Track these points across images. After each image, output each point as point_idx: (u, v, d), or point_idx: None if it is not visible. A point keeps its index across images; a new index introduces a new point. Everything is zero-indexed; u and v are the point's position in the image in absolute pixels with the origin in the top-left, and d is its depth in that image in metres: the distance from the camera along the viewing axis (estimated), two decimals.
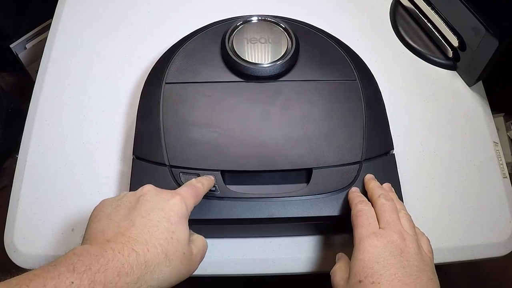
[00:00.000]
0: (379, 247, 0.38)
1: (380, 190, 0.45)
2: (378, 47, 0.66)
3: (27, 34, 1.04)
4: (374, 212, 0.42)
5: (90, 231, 0.37)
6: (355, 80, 0.54)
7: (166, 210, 0.38)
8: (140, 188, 0.40)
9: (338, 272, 0.41)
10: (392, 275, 0.36)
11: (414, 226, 0.43)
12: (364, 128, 0.51)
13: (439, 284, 0.38)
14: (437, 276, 0.39)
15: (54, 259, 0.34)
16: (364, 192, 0.47)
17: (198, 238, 0.42)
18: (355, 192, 0.46)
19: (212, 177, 0.46)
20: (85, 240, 0.37)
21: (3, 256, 0.49)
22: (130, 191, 0.47)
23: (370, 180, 0.47)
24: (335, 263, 0.44)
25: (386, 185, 0.47)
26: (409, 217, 0.43)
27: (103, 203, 0.39)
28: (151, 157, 0.48)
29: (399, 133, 0.58)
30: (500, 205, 0.54)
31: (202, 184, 0.43)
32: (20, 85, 1.20)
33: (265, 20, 0.57)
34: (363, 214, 0.42)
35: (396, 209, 0.43)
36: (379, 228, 0.41)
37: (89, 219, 0.38)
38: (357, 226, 0.41)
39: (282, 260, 0.50)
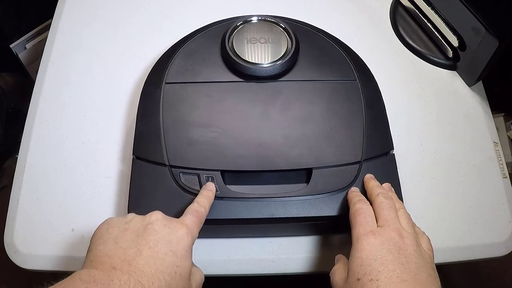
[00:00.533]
0: (376, 244, 0.38)
1: (379, 189, 0.45)
2: (378, 47, 0.66)
3: (27, 34, 1.04)
4: (373, 211, 0.42)
5: (95, 252, 0.36)
6: (355, 80, 0.54)
7: (174, 243, 0.37)
8: (149, 214, 0.40)
9: (337, 272, 0.42)
10: (391, 272, 0.36)
11: (413, 224, 0.43)
12: (364, 128, 0.51)
13: (439, 281, 0.38)
14: (437, 273, 0.39)
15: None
16: (364, 192, 0.47)
17: (196, 272, 0.42)
18: (354, 192, 0.46)
19: (213, 189, 0.45)
20: (89, 261, 0.36)
21: (3, 256, 0.49)
22: (130, 190, 0.47)
23: (370, 180, 0.47)
24: (335, 264, 0.44)
25: (386, 185, 0.47)
26: (408, 216, 0.43)
27: (109, 223, 0.39)
28: (151, 157, 0.48)
29: (399, 133, 0.58)
30: (500, 205, 0.54)
31: (204, 208, 0.43)
32: (20, 85, 1.20)
33: (265, 20, 0.57)
34: (360, 213, 0.42)
35: (395, 207, 0.43)
36: (378, 226, 0.41)
37: (93, 238, 0.38)
38: (355, 225, 0.41)
39: (282, 260, 0.50)
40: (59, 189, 0.53)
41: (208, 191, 0.45)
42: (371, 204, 0.44)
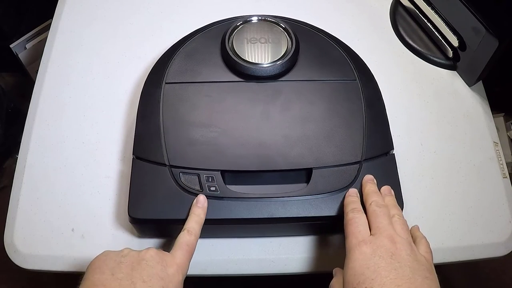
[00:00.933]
0: (368, 253, 0.39)
1: (373, 196, 0.45)
2: (378, 47, 0.66)
3: (27, 34, 1.04)
4: (366, 219, 0.43)
5: (92, 280, 0.38)
6: (355, 80, 0.54)
7: (166, 280, 0.39)
8: (144, 250, 0.41)
9: (335, 285, 0.42)
10: (384, 278, 0.37)
11: (407, 230, 0.43)
12: (364, 128, 0.51)
13: (437, 283, 0.38)
14: (435, 275, 0.39)
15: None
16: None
17: None
18: (349, 197, 0.46)
19: (204, 204, 0.45)
20: None
21: (3, 256, 0.49)
22: (130, 190, 0.47)
23: (367, 183, 0.47)
24: (333, 276, 0.44)
25: (386, 188, 0.47)
26: (403, 222, 0.43)
27: (106, 255, 0.40)
28: (151, 157, 0.48)
29: (399, 133, 0.58)
30: (500, 205, 0.54)
31: (195, 235, 0.43)
32: (20, 85, 1.20)
33: (265, 20, 0.57)
34: (353, 223, 0.42)
35: (388, 215, 0.43)
36: (370, 235, 0.41)
37: (90, 267, 0.39)
38: (348, 235, 0.42)
39: (282, 260, 0.50)
40: (59, 189, 0.53)
41: (199, 209, 0.45)
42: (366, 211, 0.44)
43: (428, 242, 0.43)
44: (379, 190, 0.47)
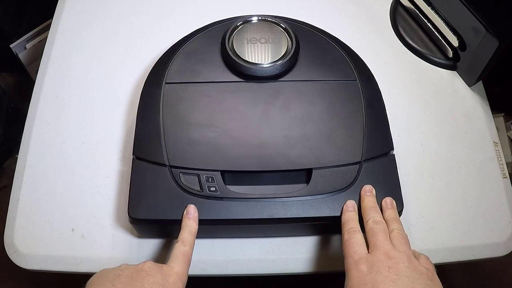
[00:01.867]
0: (365, 270, 0.39)
1: (370, 212, 0.45)
2: (378, 47, 0.66)
3: (27, 34, 1.04)
4: (362, 238, 0.43)
5: None
6: (355, 80, 0.54)
7: (166, 287, 0.39)
8: (141, 263, 0.41)
9: None
10: None
11: (407, 243, 0.43)
12: (364, 128, 0.51)
13: None
14: (439, 284, 0.39)
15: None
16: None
17: None
18: (347, 213, 0.46)
19: (194, 214, 0.45)
20: None
21: (3, 256, 0.49)
22: (130, 190, 0.47)
23: (365, 196, 0.47)
24: None
25: (388, 201, 0.47)
26: (401, 236, 0.43)
27: (104, 271, 0.41)
28: (151, 157, 0.48)
29: (399, 133, 0.58)
30: (500, 205, 0.54)
31: (189, 245, 0.44)
32: (20, 85, 1.20)
33: (265, 20, 0.57)
34: (349, 244, 0.43)
35: (385, 231, 0.43)
36: (368, 252, 0.41)
37: (89, 282, 0.39)
38: (345, 256, 0.42)
39: (282, 260, 0.50)
40: (59, 189, 0.53)
41: (190, 220, 0.45)
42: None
43: (427, 257, 0.43)
44: (381, 201, 0.47)
